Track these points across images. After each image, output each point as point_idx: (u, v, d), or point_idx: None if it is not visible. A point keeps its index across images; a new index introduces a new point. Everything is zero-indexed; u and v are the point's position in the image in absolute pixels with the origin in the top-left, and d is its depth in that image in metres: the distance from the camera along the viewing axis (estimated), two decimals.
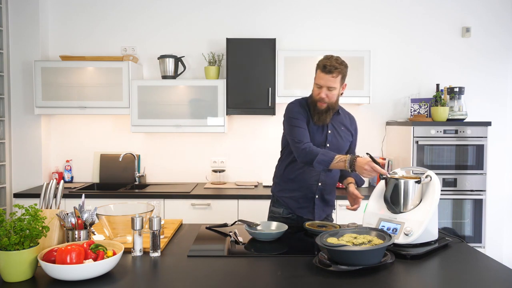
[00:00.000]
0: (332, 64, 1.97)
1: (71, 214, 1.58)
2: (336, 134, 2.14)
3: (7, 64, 3.46)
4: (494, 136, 3.63)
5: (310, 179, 2.14)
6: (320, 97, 2.03)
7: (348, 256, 1.39)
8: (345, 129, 2.18)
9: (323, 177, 2.14)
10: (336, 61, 1.99)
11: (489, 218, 3.57)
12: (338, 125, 2.16)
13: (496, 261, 1.53)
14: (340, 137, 2.15)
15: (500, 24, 3.66)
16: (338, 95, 2.07)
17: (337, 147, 2.13)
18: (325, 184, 2.16)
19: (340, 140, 2.15)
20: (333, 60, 1.99)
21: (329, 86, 2.00)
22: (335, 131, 2.14)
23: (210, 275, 1.41)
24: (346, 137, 2.18)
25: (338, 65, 1.98)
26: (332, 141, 2.12)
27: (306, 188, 2.15)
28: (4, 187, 3.49)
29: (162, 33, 3.68)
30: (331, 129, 2.13)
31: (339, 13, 3.66)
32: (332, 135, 2.13)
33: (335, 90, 2.02)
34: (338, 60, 2.01)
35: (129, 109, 3.35)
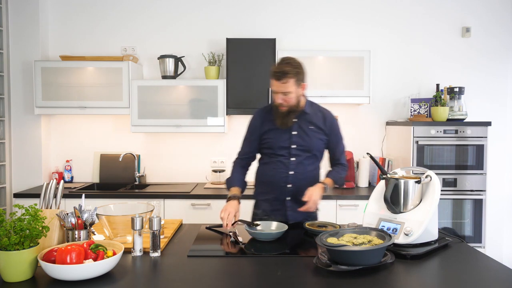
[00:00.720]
0: (282, 70, 1.96)
1: (71, 214, 1.58)
2: (303, 134, 2.12)
3: (7, 64, 3.46)
4: (494, 136, 3.63)
5: (280, 181, 2.13)
6: (278, 103, 2.04)
7: (348, 256, 1.39)
8: (314, 127, 2.14)
9: (292, 178, 2.12)
10: (286, 66, 1.98)
11: (489, 218, 3.57)
12: (305, 125, 2.13)
13: (496, 261, 1.53)
14: (307, 137, 2.12)
15: (500, 24, 3.67)
16: (297, 97, 2.05)
17: (304, 148, 2.12)
18: (296, 186, 2.12)
19: (308, 140, 2.12)
20: (283, 65, 1.98)
21: (282, 92, 2.00)
22: (302, 131, 2.12)
23: (210, 275, 1.41)
24: (316, 136, 2.14)
25: (289, 70, 1.97)
26: (298, 142, 2.12)
27: (278, 190, 2.15)
28: (4, 187, 3.49)
29: (162, 33, 3.68)
30: (297, 129, 2.12)
31: (339, 13, 3.66)
32: (297, 136, 2.12)
33: (291, 94, 2.01)
34: (289, 64, 1.98)
35: (129, 109, 3.35)
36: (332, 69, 3.35)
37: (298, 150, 2.12)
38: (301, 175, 2.13)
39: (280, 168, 2.13)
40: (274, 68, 2.01)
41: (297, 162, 2.12)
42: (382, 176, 1.77)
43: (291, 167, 2.12)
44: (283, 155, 2.13)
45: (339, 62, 3.36)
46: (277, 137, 2.12)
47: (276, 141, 2.12)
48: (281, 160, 2.13)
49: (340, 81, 3.35)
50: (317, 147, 2.15)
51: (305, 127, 2.13)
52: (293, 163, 2.12)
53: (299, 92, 2.05)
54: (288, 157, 2.12)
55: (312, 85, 3.35)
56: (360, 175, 3.53)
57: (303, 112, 2.13)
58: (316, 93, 3.35)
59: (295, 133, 2.12)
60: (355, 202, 3.16)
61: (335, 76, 3.36)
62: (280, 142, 2.12)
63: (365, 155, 3.59)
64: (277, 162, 2.14)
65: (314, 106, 2.21)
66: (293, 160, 2.12)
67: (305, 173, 2.14)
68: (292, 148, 2.11)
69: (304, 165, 2.14)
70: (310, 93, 3.33)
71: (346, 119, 3.72)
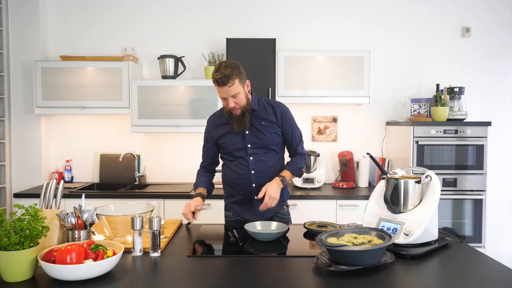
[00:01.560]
0: (224, 74, 1.94)
1: (71, 214, 1.58)
2: (256, 132, 2.12)
3: (7, 64, 3.46)
4: (494, 136, 3.63)
5: (244, 182, 2.15)
6: (230, 107, 2.03)
7: (348, 256, 1.39)
8: (266, 122, 2.13)
9: (255, 178, 2.13)
10: (226, 69, 1.95)
11: (489, 218, 3.57)
12: (257, 122, 2.12)
13: (496, 261, 1.53)
14: (261, 134, 2.12)
15: (500, 24, 3.66)
16: (245, 96, 2.05)
17: (260, 145, 2.12)
18: (260, 184, 2.11)
19: (262, 137, 2.12)
20: (221, 70, 1.95)
21: (232, 95, 1.99)
22: (254, 129, 2.12)
23: (210, 275, 1.41)
24: (270, 130, 2.13)
25: (230, 72, 1.95)
26: (253, 141, 2.12)
27: (243, 191, 2.17)
28: (4, 187, 3.48)
29: (162, 33, 3.68)
30: (249, 128, 2.12)
31: (339, 13, 3.66)
32: (250, 135, 2.12)
33: (239, 94, 2.01)
34: (227, 67, 1.96)
35: (129, 109, 3.35)
36: (332, 69, 3.35)
37: (254, 149, 2.12)
38: (263, 173, 2.14)
39: (242, 170, 2.14)
40: (215, 75, 1.96)
41: (256, 160, 2.13)
42: (382, 176, 1.77)
43: (251, 167, 2.13)
44: (241, 156, 2.14)
45: (339, 62, 3.36)
46: (231, 140, 2.14)
47: (232, 144, 2.14)
48: (240, 162, 2.15)
49: (340, 81, 3.35)
50: (273, 142, 2.15)
51: (257, 124, 2.12)
52: (252, 162, 2.13)
53: (245, 91, 2.06)
54: (246, 157, 2.13)
55: (312, 85, 3.36)
56: (360, 175, 3.53)
57: (252, 110, 2.12)
58: (316, 93, 3.36)
59: (248, 133, 2.12)
60: (355, 202, 3.16)
61: (335, 76, 3.35)
62: (235, 145, 2.13)
63: (365, 155, 3.59)
64: (237, 164, 2.16)
65: (263, 100, 2.19)
66: (252, 159, 2.13)
67: (266, 169, 2.14)
68: (249, 148, 2.12)
69: (264, 162, 2.14)
70: (310, 93, 3.36)
71: (346, 119, 3.72)
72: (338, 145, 3.72)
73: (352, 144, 3.72)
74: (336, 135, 3.73)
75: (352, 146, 3.72)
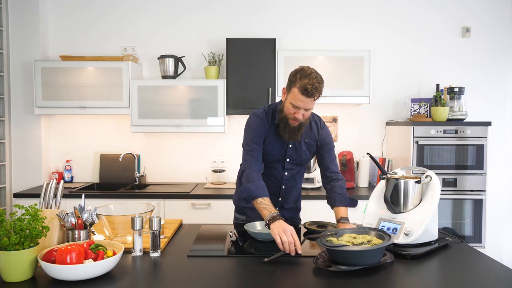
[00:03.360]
0: (314, 86, 1.76)
1: (71, 214, 1.58)
2: (298, 148, 2.01)
3: (7, 64, 3.46)
4: (494, 136, 3.63)
5: (272, 194, 1.98)
6: (296, 118, 1.86)
7: (347, 256, 1.39)
8: (309, 140, 2.02)
9: (283, 193, 2.07)
10: (317, 81, 1.77)
11: (489, 218, 3.57)
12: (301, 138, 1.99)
13: (496, 261, 1.53)
14: (302, 151, 2.01)
15: (500, 24, 3.66)
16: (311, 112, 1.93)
17: (298, 162, 2.03)
18: (285, 198, 2.10)
19: (303, 154, 2.02)
20: (313, 80, 1.77)
21: (307, 108, 1.84)
22: (297, 144, 2.00)
23: (210, 275, 1.41)
24: (310, 149, 2.04)
25: (319, 85, 1.78)
26: (292, 156, 2.01)
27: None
28: (4, 187, 3.48)
29: (162, 33, 3.68)
30: (291, 143, 1.99)
31: (339, 13, 3.66)
32: (293, 149, 2.00)
33: (311, 110, 1.90)
34: (320, 81, 1.79)
35: (129, 109, 3.35)
36: (332, 69, 3.35)
37: (291, 164, 2.03)
38: (291, 188, 2.10)
39: (273, 182, 2.05)
40: (305, 82, 1.76)
41: (289, 176, 2.05)
42: (382, 176, 1.77)
43: (284, 182, 2.06)
44: (276, 168, 2.03)
45: (339, 62, 3.36)
46: (273, 149, 1.98)
47: (271, 154, 1.99)
48: (274, 174, 2.04)
49: (340, 81, 3.35)
50: (308, 159, 2.07)
51: (301, 139, 2.00)
52: (286, 178, 2.05)
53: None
54: (282, 170, 2.03)
55: None
56: (360, 175, 3.53)
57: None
58: None
59: (291, 146, 2.00)
60: None
61: (335, 76, 3.35)
62: (274, 155, 1.99)
63: (365, 155, 3.59)
64: (270, 176, 2.04)
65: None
66: (286, 174, 2.04)
67: (294, 186, 2.11)
68: (287, 162, 2.02)
69: (295, 178, 2.09)
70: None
71: (346, 119, 3.72)
72: (338, 145, 3.72)
73: (352, 144, 3.72)
74: (336, 135, 3.73)
75: (352, 146, 3.72)
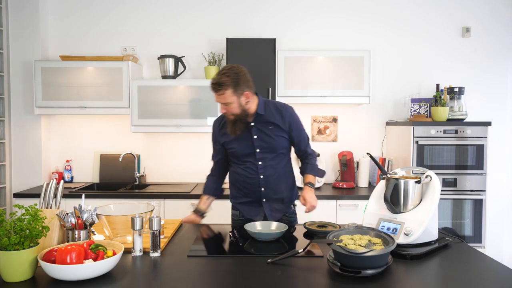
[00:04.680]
0: (218, 81, 1.95)
1: (71, 214, 1.58)
2: (264, 137, 2.11)
3: (7, 64, 3.46)
4: (494, 136, 3.63)
5: (253, 186, 2.15)
6: (223, 113, 2.07)
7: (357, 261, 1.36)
8: (273, 126, 2.12)
9: (263, 182, 2.14)
10: (223, 76, 1.95)
11: (489, 218, 3.57)
12: (264, 126, 2.12)
13: (496, 261, 1.53)
14: (269, 138, 2.11)
15: (500, 24, 3.66)
16: (240, 106, 2.02)
17: (269, 149, 2.12)
18: (268, 187, 2.15)
19: (271, 141, 2.11)
20: (220, 76, 1.96)
21: (222, 103, 2.01)
22: (262, 134, 2.11)
23: (210, 275, 1.41)
24: (278, 134, 2.13)
25: (225, 81, 1.94)
26: (262, 146, 2.11)
27: (252, 194, 2.18)
28: (4, 187, 3.49)
29: (162, 33, 3.68)
30: (256, 133, 2.11)
31: (339, 13, 3.66)
32: (258, 140, 2.11)
33: (232, 104, 2.00)
34: (225, 74, 1.95)
35: (129, 109, 3.35)
36: (332, 69, 3.35)
37: (263, 153, 2.12)
38: (272, 177, 2.15)
39: (250, 174, 2.14)
40: (212, 78, 1.99)
41: (264, 165, 2.13)
42: (382, 176, 1.77)
43: (260, 171, 2.13)
44: (249, 161, 2.14)
45: (339, 62, 3.36)
46: (239, 145, 2.13)
47: (240, 150, 2.13)
48: (249, 166, 2.14)
49: (340, 81, 3.35)
50: (281, 145, 2.15)
51: (264, 128, 2.11)
52: (261, 167, 2.13)
53: (241, 102, 2.02)
54: (255, 162, 2.13)
55: (312, 85, 3.36)
56: (360, 175, 3.53)
57: (258, 114, 2.11)
58: (316, 93, 3.36)
59: (256, 137, 2.11)
60: (355, 202, 3.16)
61: (335, 76, 3.35)
62: (243, 150, 2.13)
63: (365, 155, 3.59)
64: (246, 169, 2.15)
65: (269, 104, 2.17)
66: (261, 164, 2.12)
67: (275, 173, 2.16)
68: (257, 152, 2.12)
69: (273, 166, 2.14)
70: (311, 93, 3.36)
71: (346, 119, 3.72)
72: (338, 145, 3.72)
73: (352, 144, 3.72)
74: (336, 135, 3.73)
75: (352, 146, 3.72)
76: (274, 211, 2.18)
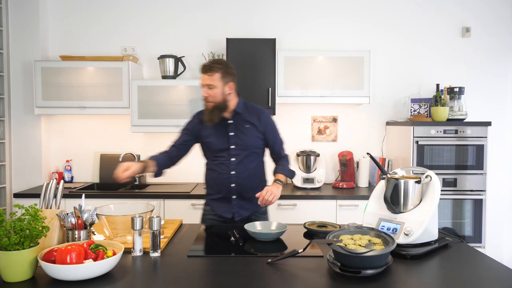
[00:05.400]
0: (209, 64, 2.13)
1: (71, 214, 1.58)
2: (240, 134, 2.22)
3: (7, 64, 3.46)
4: (494, 136, 3.63)
5: (224, 182, 2.22)
6: (203, 96, 2.16)
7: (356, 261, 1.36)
8: (250, 126, 2.23)
9: (234, 178, 2.21)
10: (214, 62, 2.14)
11: (489, 218, 3.57)
12: (241, 125, 2.23)
13: (496, 261, 1.53)
14: (245, 136, 2.22)
15: (500, 24, 3.66)
16: (223, 94, 2.15)
17: (244, 147, 2.22)
18: (239, 184, 2.22)
19: (246, 139, 2.22)
20: (211, 61, 2.15)
21: (207, 84, 2.12)
22: (238, 131, 2.22)
23: (210, 275, 1.41)
24: (253, 134, 2.23)
25: (214, 65, 2.12)
26: (237, 142, 2.21)
27: (223, 190, 2.24)
28: (4, 187, 3.48)
29: (162, 33, 3.68)
30: (233, 130, 2.22)
31: (339, 13, 3.66)
32: (235, 137, 2.21)
33: (215, 89, 2.12)
34: (217, 61, 2.15)
35: (129, 109, 3.35)
36: (332, 69, 3.35)
37: (237, 150, 2.21)
38: (243, 174, 2.22)
39: (222, 170, 2.22)
40: (204, 63, 2.15)
41: (237, 162, 2.21)
42: (382, 176, 1.77)
43: (232, 167, 2.21)
44: (223, 156, 2.22)
45: (339, 62, 3.36)
46: (216, 140, 2.22)
47: (216, 144, 2.22)
48: (222, 162, 2.22)
49: (340, 81, 3.35)
50: (255, 145, 2.25)
51: (241, 127, 2.22)
52: (233, 163, 2.21)
53: (225, 90, 2.15)
54: (228, 157, 2.21)
55: (312, 85, 3.36)
56: (360, 175, 3.53)
57: (236, 113, 2.22)
58: (316, 93, 3.36)
59: (232, 134, 2.21)
60: (355, 202, 3.16)
61: (335, 76, 3.35)
62: (219, 145, 2.21)
63: (365, 155, 3.59)
64: (219, 164, 2.23)
65: (248, 105, 2.29)
66: (234, 160, 2.21)
67: (246, 171, 2.23)
68: (232, 149, 2.21)
69: (245, 163, 2.22)
70: (310, 93, 3.35)
71: (346, 119, 3.72)
72: (338, 145, 3.73)
73: (352, 144, 3.72)
74: (336, 135, 3.73)
75: (352, 146, 3.72)
76: (243, 209, 2.25)
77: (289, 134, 3.71)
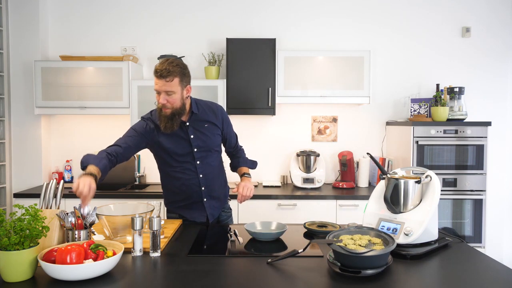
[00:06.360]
0: (165, 67, 1.90)
1: (71, 214, 1.58)
2: (200, 135, 2.09)
3: (7, 64, 3.46)
4: (494, 136, 3.63)
5: (193, 187, 2.12)
6: (161, 103, 1.95)
7: (356, 261, 1.37)
8: (209, 124, 2.13)
9: (203, 181, 2.13)
10: (169, 64, 1.92)
11: (489, 218, 3.57)
12: (200, 124, 2.10)
13: (496, 261, 1.53)
14: (205, 136, 2.11)
15: (500, 24, 3.66)
16: (181, 99, 1.98)
17: (206, 148, 2.11)
18: (208, 185, 2.15)
19: (207, 139, 2.11)
20: (166, 63, 1.92)
21: (166, 91, 1.93)
22: (198, 132, 2.09)
23: (210, 275, 1.41)
24: (213, 132, 2.14)
25: (172, 68, 1.90)
26: (199, 145, 2.09)
27: (193, 195, 2.14)
28: (4, 187, 3.48)
29: (162, 33, 3.68)
30: (193, 132, 2.08)
31: (339, 13, 3.66)
32: (196, 139, 2.08)
33: (175, 94, 1.94)
34: (173, 63, 1.93)
35: (129, 109, 3.35)
36: (332, 69, 3.35)
37: (200, 152, 2.10)
38: (210, 175, 2.16)
39: (189, 175, 2.10)
40: (158, 66, 1.93)
41: (202, 164, 2.11)
42: (382, 176, 1.77)
43: (199, 171, 2.11)
44: (187, 161, 2.09)
45: (339, 62, 3.36)
46: (176, 145, 2.06)
47: (177, 149, 2.06)
48: (187, 167, 2.10)
49: (340, 81, 3.35)
50: (216, 143, 2.17)
51: (200, 127, 2.10)
52: (200, 166, 2.11)
53: (183, 94, 1.99)
54: (193, 161, 2.10)
55: (312, 85, 3.37)
56: (360, 175, 3.53)
57: (192, 113, 2.08)
58: (316, 93, 3.36)
59: (193, 137, 2.07)
60: (355, 202, 3.16)
61: (335, 76, 3.36)
62: (180, 149, 2.07)
63: (365, 155, 3.59)
64: (183, 170, 2.10)
65: (201, 103, 2.17)
66: (199, 163, 2.10)
67: (212, 171, 2.17)
68: (195, 152, 2.09)
69: (210, 164, 2.15)
70: (310, 93, 3.36)
71: (346, 119, 3.72)
72: (338, 145, 3.73)
73: (352, 144, 3.72)
74: (336, 135, 3.73)
75: (352, 146, 3.72)
76: (213, 209, 2.19)
77: (289, 134, 3.72)
